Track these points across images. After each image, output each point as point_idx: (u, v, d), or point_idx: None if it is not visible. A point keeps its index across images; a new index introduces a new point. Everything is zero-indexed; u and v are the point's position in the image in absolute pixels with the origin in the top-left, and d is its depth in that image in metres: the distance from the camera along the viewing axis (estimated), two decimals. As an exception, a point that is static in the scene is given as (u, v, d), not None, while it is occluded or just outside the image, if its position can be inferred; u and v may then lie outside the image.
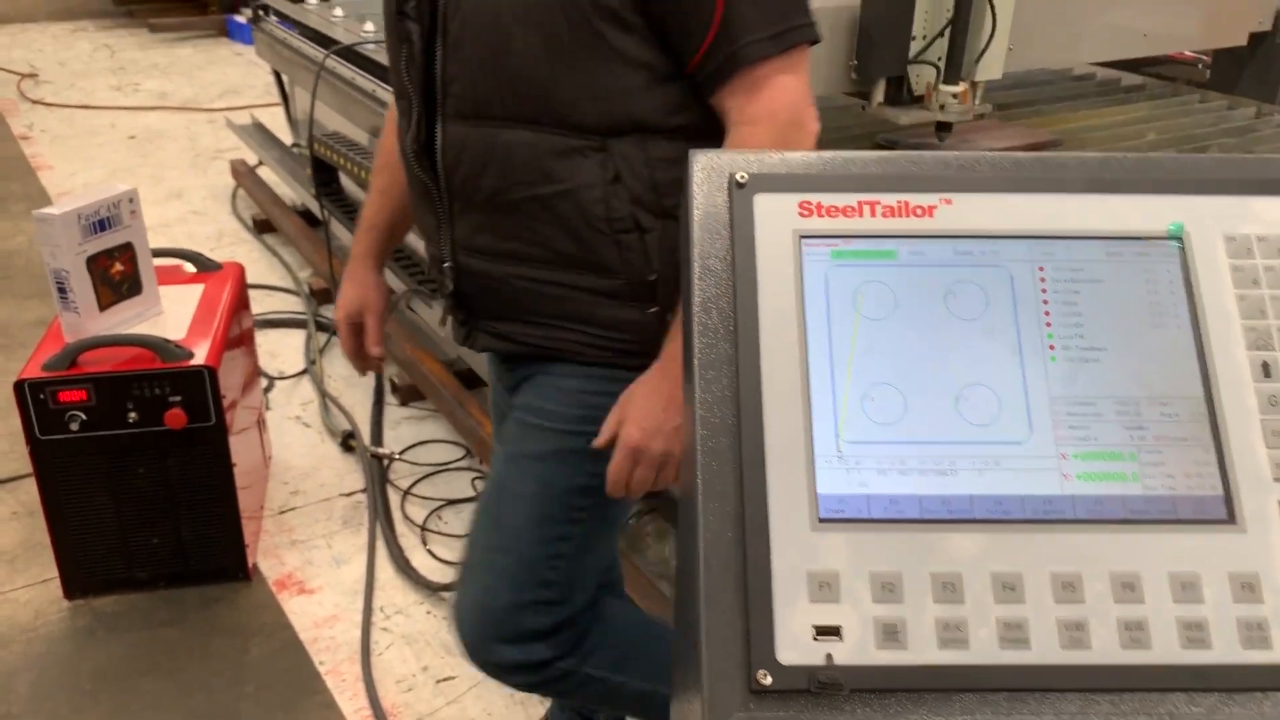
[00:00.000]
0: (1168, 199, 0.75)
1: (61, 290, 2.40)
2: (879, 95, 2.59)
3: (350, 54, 3.54)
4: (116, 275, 2.48)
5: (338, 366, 3.65)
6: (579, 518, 1.50)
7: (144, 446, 2.42)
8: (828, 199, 0.73)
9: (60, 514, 2.46)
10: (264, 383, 3.42)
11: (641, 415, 1.35)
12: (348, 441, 3.23)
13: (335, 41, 3.66)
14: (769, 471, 0.68)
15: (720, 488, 0.68)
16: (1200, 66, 3.97)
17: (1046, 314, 0.73)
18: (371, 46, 3.49)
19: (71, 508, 2.46)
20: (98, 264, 2.43)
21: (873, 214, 0.73)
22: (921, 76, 2.58)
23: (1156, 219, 0.74)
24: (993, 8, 2.51)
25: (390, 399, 3.50)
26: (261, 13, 4.38)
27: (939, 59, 2.56)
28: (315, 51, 3.76)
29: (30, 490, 2.72)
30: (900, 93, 2.61)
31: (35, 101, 6.76)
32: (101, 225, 2.42)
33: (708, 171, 0.75)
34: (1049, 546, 0.67)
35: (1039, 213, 0.74)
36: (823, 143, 2.76)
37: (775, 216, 0.73)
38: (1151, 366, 0.71)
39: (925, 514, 0.68)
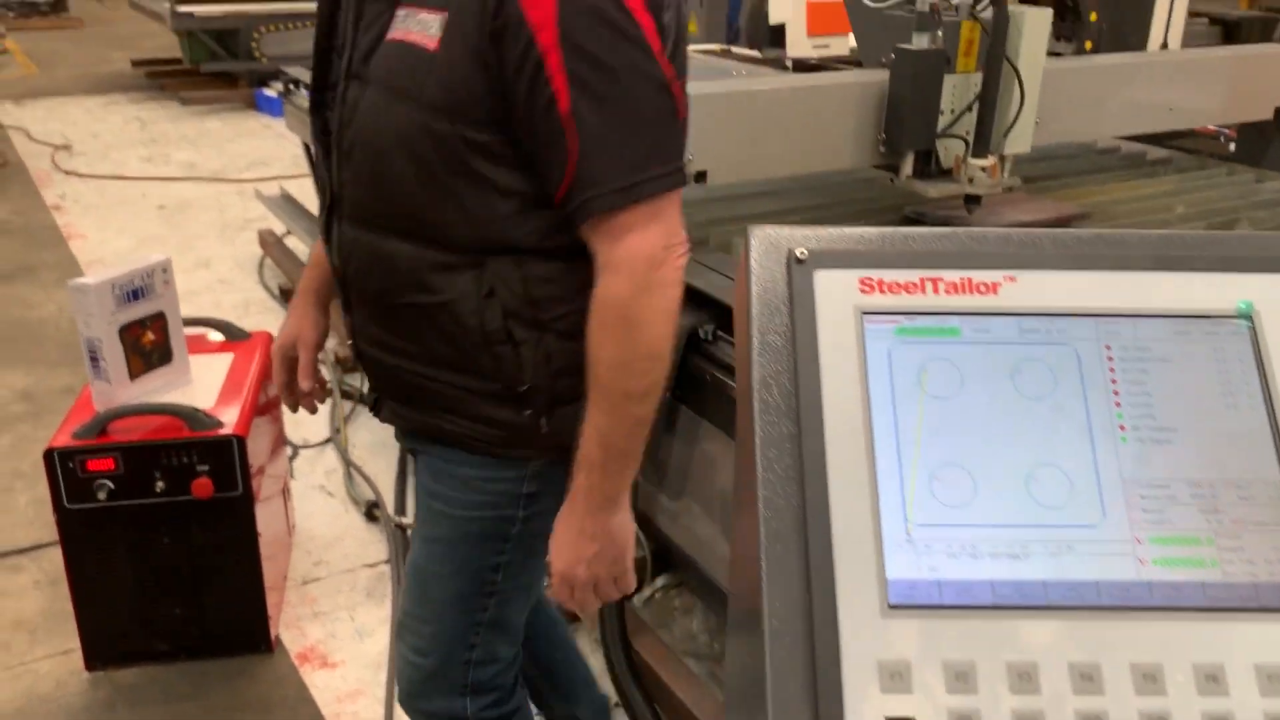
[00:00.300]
0: (1235, 277, 0.73)
1: (94, 359, 2.41)
2: (908, 168, 2.60)
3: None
4: (148, 344, 2.49)
5: (362, 435, 3.64)
6: (493, 590, 1.62)
7: (170, 516, 2.41)
8: (889, 275, 0.72)
9: (84, 584, 2.45)
10: (289, 451, 3.41)
11: (561, 547, 1.45)
12: (371, 511, 3.21)
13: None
14: (836, 555, 0.66)
15: (785, 571, 0.66)
16: (1223, 139, 3.98)
17: (1115, 393, 0.71)
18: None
19: (95, 578, 2.44)
20: (130, 333, 2.44)
21: (935, 290, 0.72)
22: (950, 150, 2.60)
23: (1224, 297, 0.73)
24: (1020, 83, 2.53)
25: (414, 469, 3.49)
26: (293, 86, 4.46)
27: (967, 133, 2.57)
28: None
29: (54, 559, 2.71)
30: (929, 166, 2.62)
31: (68, 172, 6.88)
32: (135, 295, 2.43)
33: (765, 247, 0.74)
34: (1127, 634, 0.65)
35: (1104, 290, 0.73)
36: (851, 215, 2.78)
37: (836, 292, 0.72)
38: (1225, 448, 0.70)
39: (998, 600, 0.66)
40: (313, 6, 1.60)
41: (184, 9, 8.39)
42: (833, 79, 2.65)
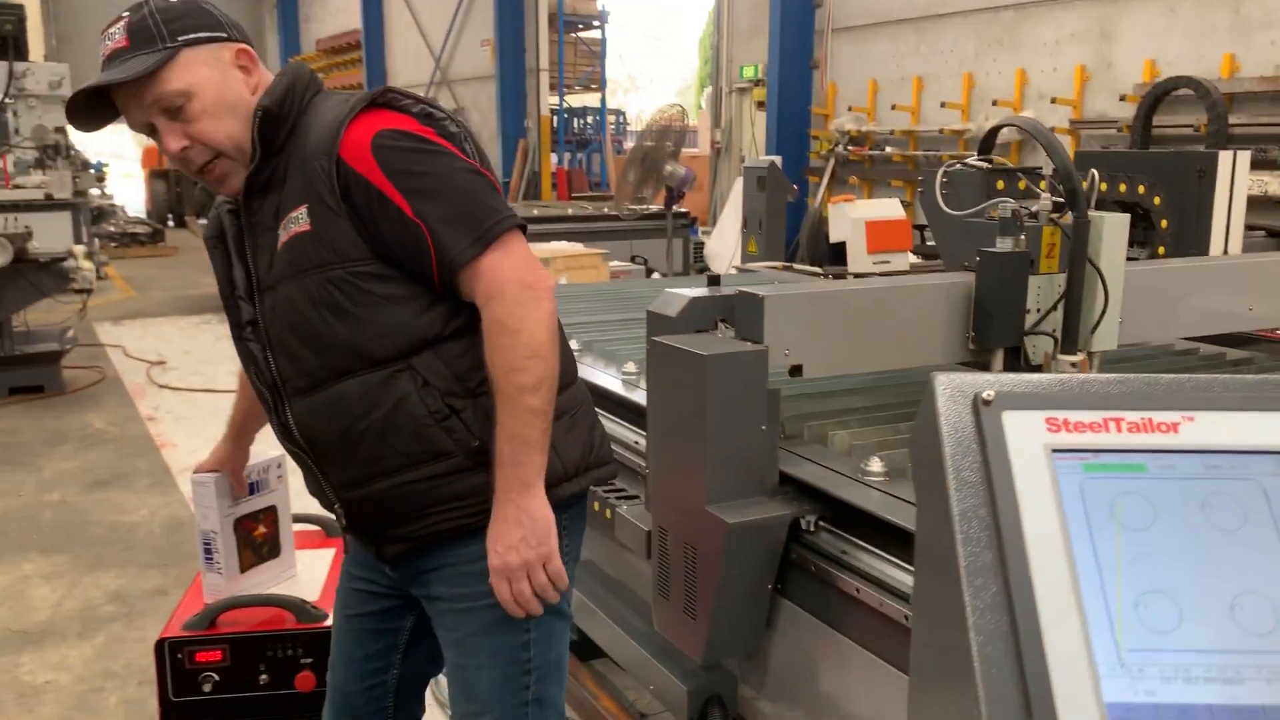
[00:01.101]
0: (1406, 417, 0.77)
1: (208, 552, 2.47)
2: (997, 364, 2.66)
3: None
4: (259, 537, 2.55)
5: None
6: (529, 668, 1.84)
7: (272, 709, 2.40)
8: (1074, 415, 0.77)
9: (183, 780, 2.42)
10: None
11: (492, 541, 1.71)
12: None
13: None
14: (1053, 679, 0.67)
15: (1004, 698, 0.67)
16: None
17: (1308, 525, 0.74)
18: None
19: (195, 774, 2.41)
20: (243, 526, 2.51)
21: (1119, 430, 0.77)
22: (1039, 346, 2.66)
23: (1399, 435, 0.76)
24: (1104, 283, 2.61)
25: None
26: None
27: (1055, 330, 2.64)
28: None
29: (149, 757, 2.69)
30: (1017, 362, 2.67)
31: (162, 386, 7.20)
32: (251, 489, 2.52)
33: (951, 391, 0.79)
34: (1355, 760, 0.65)
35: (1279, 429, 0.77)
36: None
37: (1025, 432, 0.77)
38: None
39: (1219, 724, 0.66)
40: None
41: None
42: (921, 280, 2.76)
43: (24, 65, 6.87)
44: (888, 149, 10.66)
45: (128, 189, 17.96)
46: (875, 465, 2.23)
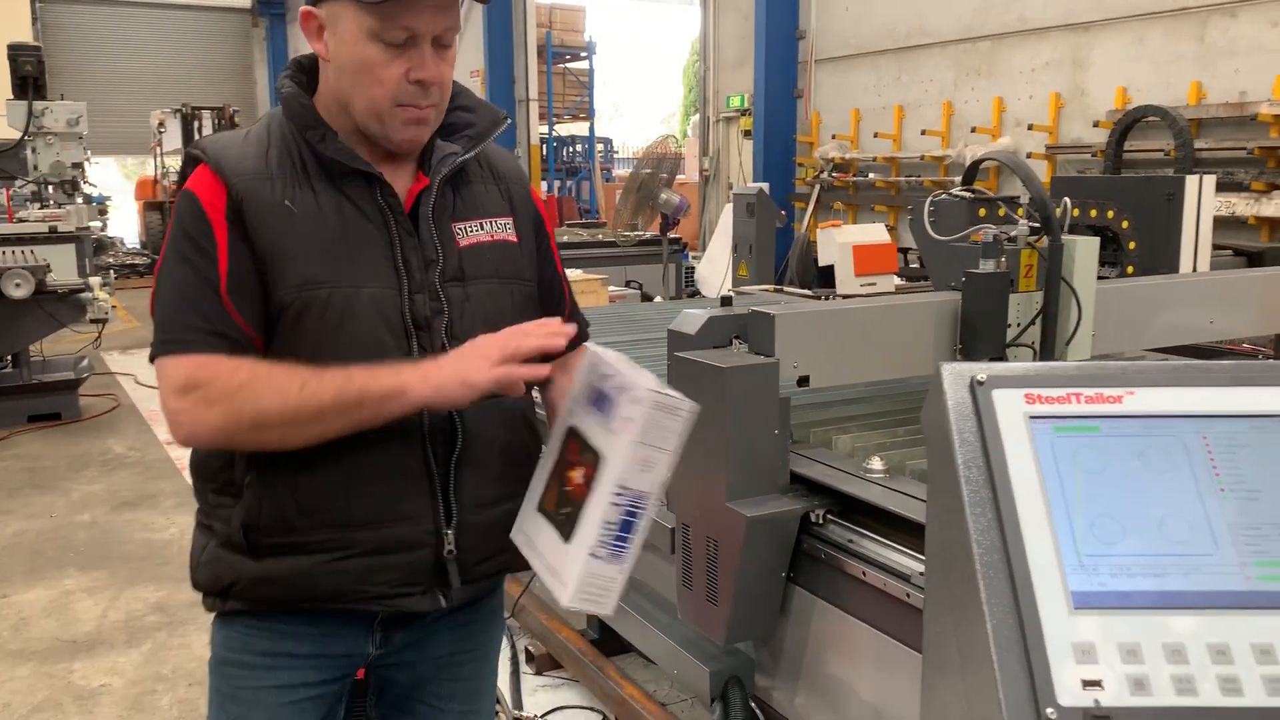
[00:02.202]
0: (1289, 389, 1.05)
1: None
2: (983, 374, 2.95)
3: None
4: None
5: (474, 639, 3.86)
6: None
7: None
8: (1046, 392, 1.05)
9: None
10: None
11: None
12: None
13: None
14: (1034, 576, 0.95)
15: (999, 590, 0.95)
16: (1260, 357, 4.30)
17: (1215, 468, 1.01)
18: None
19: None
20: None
21: (1079, 401, 1.04)
22: (1019, 357, 2.94)
23: (1283, 403, 1.04)
24: (1077, 300, 2.91)
25: (525, 668, 3.69)
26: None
27: (1034, 342, 2.93)
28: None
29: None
30: (1001, 372, 2.96)
31: (175, 411, 7.40)
32: None
33: (954, 377, 1.07)
34: (1245, 625, 0.92)
35: (1198, 400, 1.04)
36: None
37: (1010, 404, 1.04)
38: (1298, 502, 0.99)
39: (1150, 604, 0.94)
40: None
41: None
42: (913, 299, 3.05)
43: (43, 104, 7.12)
44: (871, 175, 11.01)
45: (119, 221, 18.18)
46: (876, 464, 2.51)
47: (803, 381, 2.75)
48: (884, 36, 10.89)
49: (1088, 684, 0.89)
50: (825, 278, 7.00)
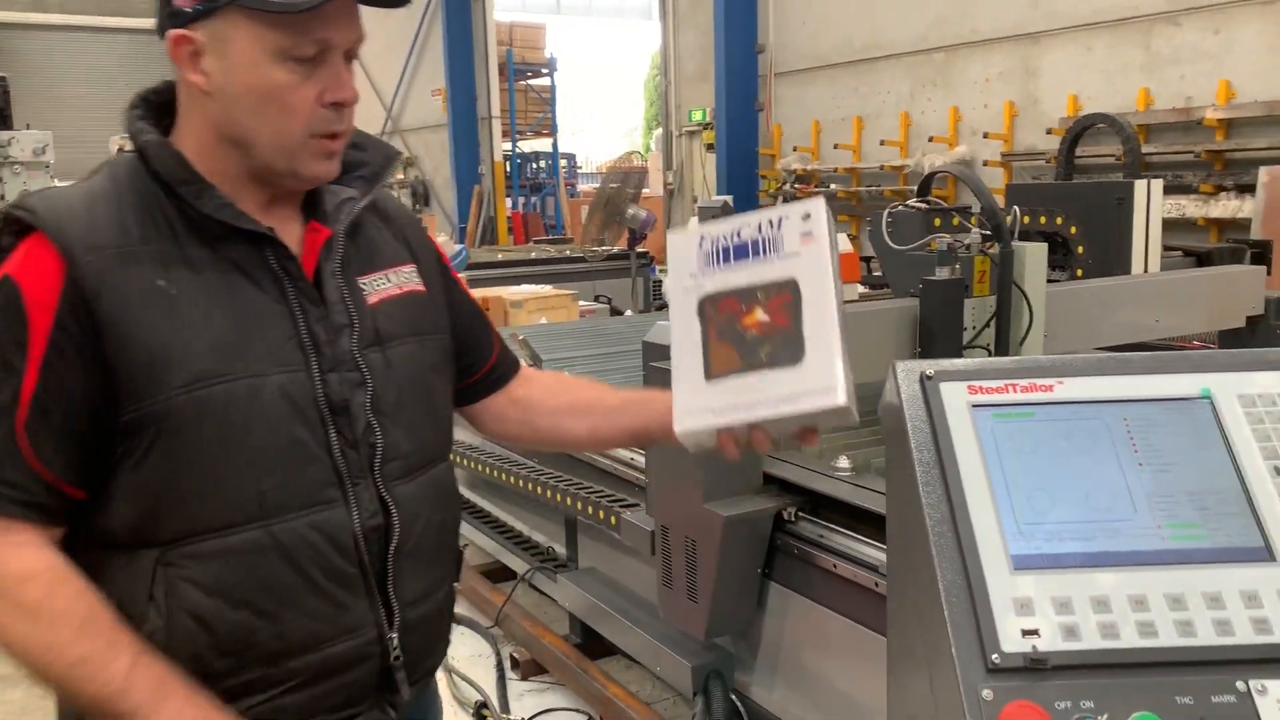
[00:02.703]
0: (1198, 375, 1.20)
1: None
2: (942, 376, 3.10)
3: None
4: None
5: (460, 649, 3.97)
6: None
7: None
8: (985, 383, 1.20)
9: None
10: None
11: None
12: (481, 712, 3.50)
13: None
14: (979, 541, 1.09)
15: (949, 555, 1.09)
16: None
17: (1134, 445, 1.16)
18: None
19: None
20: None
21: (1015, 390, 1.19)
22: (974, 358, 3.10)
23: (1194, 387, 1.20)
24: (1028, 303, 3.08)
25: (511, 674, 3.80)
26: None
27: (989, 345, 3.09)
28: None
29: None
30: (959, 373, 3.12)
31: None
32: (728, 255, 1.48)
33: (906, 372, 1.22)
34: (1160, 578, 1.07)
35: (1119, 387, 1.20)
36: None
37: (955, 395, 1.19)
38: (1204, 472, 1.14)
39: (1079, 564, 1.08)
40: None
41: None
42: (874, 306, 3.21)
43: (9, 134, 7.18)
44: (832, 186, 11.24)
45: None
46: (843, 462, 2.65)
47: (772, 386, 2.90)
48: (841, 49, 11.14)
49: (1026, 633, 1.03)
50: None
